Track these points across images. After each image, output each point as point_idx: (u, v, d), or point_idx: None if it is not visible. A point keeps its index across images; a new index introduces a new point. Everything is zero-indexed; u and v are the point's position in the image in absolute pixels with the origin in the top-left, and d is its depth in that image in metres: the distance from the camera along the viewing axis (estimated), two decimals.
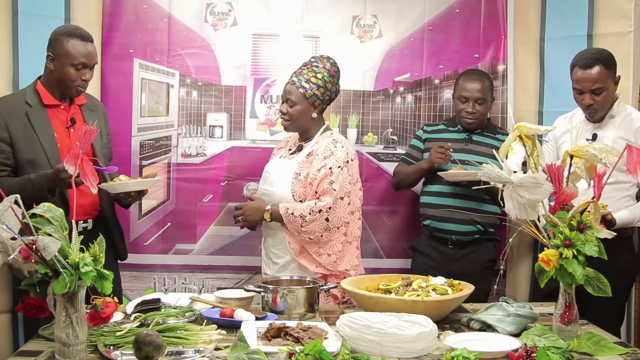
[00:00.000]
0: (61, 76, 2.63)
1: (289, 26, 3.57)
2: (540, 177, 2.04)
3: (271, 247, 2.87)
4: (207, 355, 1.92)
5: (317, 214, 2.69)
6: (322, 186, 2.72)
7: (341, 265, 2.77)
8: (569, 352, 1.92)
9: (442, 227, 3.21)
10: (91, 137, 2.07)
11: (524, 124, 2.27)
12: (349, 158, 2.80)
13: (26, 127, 2.61)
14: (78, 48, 2.61)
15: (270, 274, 2.85)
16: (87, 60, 2.63)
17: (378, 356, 1.90)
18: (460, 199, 3.17)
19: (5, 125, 2.60)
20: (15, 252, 1.78)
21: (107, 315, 1.96)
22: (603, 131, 2.86)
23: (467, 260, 3.20)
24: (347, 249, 2.79)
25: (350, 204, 2.78)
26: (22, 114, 2.62)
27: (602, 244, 2.05)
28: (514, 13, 3.63)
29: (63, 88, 2.67)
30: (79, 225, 2.66)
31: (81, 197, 2.63)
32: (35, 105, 2.65)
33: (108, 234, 2.81)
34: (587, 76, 2.77)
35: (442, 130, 3.35)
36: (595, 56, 2.79)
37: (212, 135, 3.56)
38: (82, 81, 2.65)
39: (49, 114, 2.67)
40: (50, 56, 2.64)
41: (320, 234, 2.70)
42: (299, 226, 2.70)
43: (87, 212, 2.72)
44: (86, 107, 2.80)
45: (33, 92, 2.69)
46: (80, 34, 2.65)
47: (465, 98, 3.20)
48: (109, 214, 2.84)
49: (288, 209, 2.72)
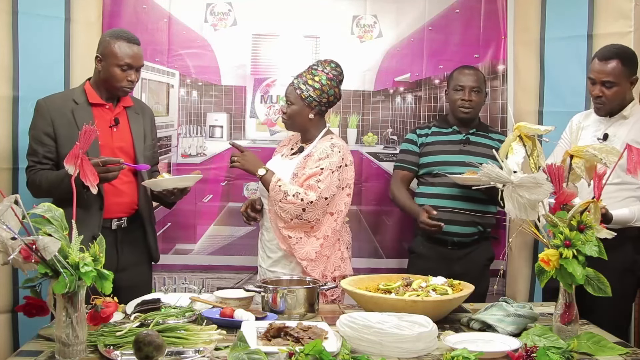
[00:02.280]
0: (108, 76, 2.72)
1: (289, 26, 3.57)
2: (540, 177, 2.04)
3: (267, 242, 2.97)
4: (207, 355, 1.92)
5: (298, 200, 2.78)
6: (308, 182, 2.82)
7: (298, 253, 2.85)
8: (569, 352, 1.92)
9: (444, 229, 3.16)
10: (91, 137, 2.07)
11: (524, 124, 2.27)
12: (343, 163, 2.87)
13: (70, 123, 2.68)
14: (124, 49, 2.71)
15: (264, 267, 2.96)
16: (132, 62, 2.71)
17: (378, 356, 1.90)
18: (460, 201, 3.16)
19: (50, 120, 2.69)
20: (15, 252, 1.78)
21: (107, 315, 1.96)
22: (615, 131, 2.85)
23: (465, 260, 3.18)
24: (309, 241, 2.85)
25: (329, 205, 2.86)
26: (67, 110, 2.71)
27: (602, 244, 2.05)
28: (514, 13, 3.63)
29: (110, 88, 2.75)
30: (112, 223, 2.70)
31: (118, 194, 2.71)
32: (81, 103, 2.74)
33: (142, 233, 2.85)
34: (602, 68, 2.79)
35: (435, 132, 3.30)
36: (615, 50, 2.81)
37: (212, 135, 3.56)
38: (127, 82, 2.73)
39: (94, 112, 2.74)
40: (99, 57, 2.74)
41: (291, 217, 2.81)
42: (278, 199, 2.80)
43: (123, 210, 2.77)
44: (132, 110, 2.86)
45: (81, 91, 2.78)
46: (126, 37, 2.74)
47: (461, 87, 3.21)
48: (146, 213, 2.87)
49: (279, 181, 2.83)
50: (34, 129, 2.71)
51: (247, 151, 2.98)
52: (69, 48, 3.20)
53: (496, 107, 3.58)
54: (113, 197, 2.70)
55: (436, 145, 3.27)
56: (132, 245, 2.80)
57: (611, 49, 2.83)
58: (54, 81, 3.12)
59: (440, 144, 3.27)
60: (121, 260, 2.73)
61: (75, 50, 3.20)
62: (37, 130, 2.70)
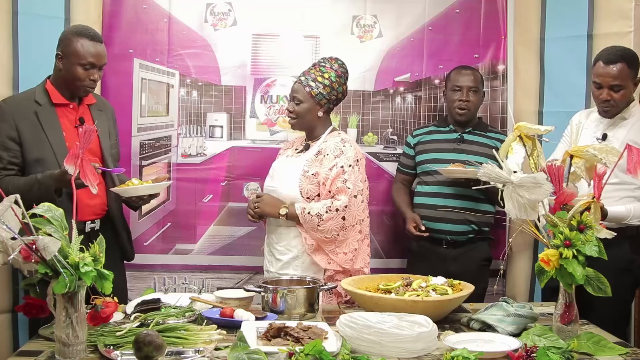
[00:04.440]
0: (69, 75, 2.64)
1: (289, 26, 3.57)
2: (540, 177, 2.04)
3: (275, 244, 2.87)
4: (207, 355, 1.92)
5: (334, 212, 2.70)
6: (335, 185, 2.74)
7: (357, 264, 2.79)
8: (569, 352, 1.92)
9: (437, 227, 3.21)
10: (91, 137, 2.07)
11: (524, 124, 2.27)
12: (358, 157, 2.83)
13: (35, 126, 2.61)
14: (87, 48, 2.62)
15: (273, 271, 2.86)
16: (95, 60, 2.64)
17: (378, 356, 1.90)
18: (454, 199, 3.18)
19: (14, 123, 2.60)
20: (15, 252, 1.78)
21: (107, 315, 1.96)
22: (614, 132, 2.85)
23: (462, 259, 3.20)
24: (361, 247, 2.82)
25: (364, 202, 2.81)
26: (31, 112, 2.62)
27: (601, 244, 2.05)
28: (514, 13, 3.63)
29: (71, 87, 2.68)
30: (86, 225, 2.68)
31: (89, 197, 2.65)
32: (44, 104, 2.66)
33: (115, 233, 2.83)
34: (608, 72, 2.77)
35: (432, 131, 3.36)
36: (619, 53, 2.80)
37: (212, 135, 3.56)
38: (90, 81, 2.65)
39: (58, 113, 2.67)
40: (60, 55, 2.65)
41: (336, 232, 2.72)
42: (315, 225, 2.70)
43: (95, 212, 2.73)
44: (95, 107, 2.81)
45: (42, 91, 2.69)
46: (89, 34, 2.65)
47: (459, 87, 3.24)
48: (117, 214, 2.85)
49: (305, 209, 2.73)
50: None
51: (265, 194, 2.88)
52: None
53: (496, 107, 3.58)
54: (84, 199, 2.61)
55: (432, 143, 3.31)
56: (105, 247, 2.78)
57: (615, 51, 2.81)
58: None
59: (435, 142, 3.31)
60: None
61: None
62: (0, 135, 2.59)
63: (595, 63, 2.84)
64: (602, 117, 2.89)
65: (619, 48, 2.86)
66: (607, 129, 2.87)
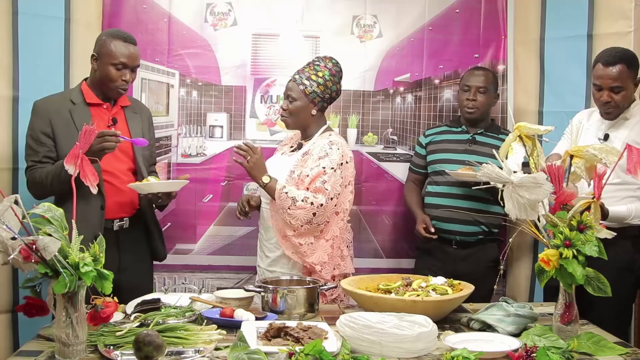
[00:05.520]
0: (103, 75, 2.70)
1: (289, 26, 3.57)
2: (540, 177, 2.04)
3: (265, 241, 2.93)
4: (207, 355, 1.92)
5: (308, 204, 2.72)
6: (314, 184, 2.76)
7: (310, 258, 2.79)
8: (569, 352, 1.92)
9: (446, 227, 3.22)
10: (91, 138, 2.07)
11: (524, 124, 2.27)
12: (343, 160, 2.84)
13: (68, 123, 2.67)
14: (119, 48, 2.69)
15: (262, 266, 2.93)
16: (127, 61, 2.69)
17: (378, 356, 1.90)
18: (464, 200, 3.18)
19: (49, 121, 2.67)
20: (15, 252, 1.78)
21: (107, 315, 1.96)
22: (615, 132, 2.85)
23: (470, 260, 3.20)
24: (320, 244, 2.81)
25: (336, 205, 2.82)
26: (65, 111, 2.70)
27: (601, 243, 2.05)
28: (514, 13, 3.63)
29: (104, 88, 2.73)
30: (114, 223, 2.69)
31: (118, 194, 2.69)
32: (79, 103, 2.73)
33: (147, 232, 2.85)
34: (608, 73, 2.77)
35: (444, 131, 3.37)
36: (618, 54, 2.79)
37: (212, 135, 3.56)
38: (122, 81, 2.70)
39: (91, 112, 2.73)
40: (95, 56, 2.73)
41: (301, 224, 2.73)
42: (286, 207, 2.72)
43: (124, 210, 2.76)
44: (129, 109, 2.85)
45: (78, 91, 2.77)
46: (123, 36, 2.72)
47: (468, 87, 3.25)
48: (148, 212, 2.86)
49: (284, 187, 2.75)
50: (32, 130, 2.70)
51: (259, 154, 2.80)
52: (68, 48, 3.19)
53: (496, 107, 3.58)
54: (114, 197, 2.68)
55: (443, 144, 3.32)
56: (134, 246, 2.80)
57: (614, 53, 2.81)
58: (53, 81, 3.12)
59: (447, 142, 3.31)
60: (122, 260, 2.72)
61: (75, 51, 3.20)
62: (35, 131, 2.69)
63: (595, 65, 2.84)
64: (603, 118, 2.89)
65: (618, 49, 2.85)
66: (608, 130, 2.87)
